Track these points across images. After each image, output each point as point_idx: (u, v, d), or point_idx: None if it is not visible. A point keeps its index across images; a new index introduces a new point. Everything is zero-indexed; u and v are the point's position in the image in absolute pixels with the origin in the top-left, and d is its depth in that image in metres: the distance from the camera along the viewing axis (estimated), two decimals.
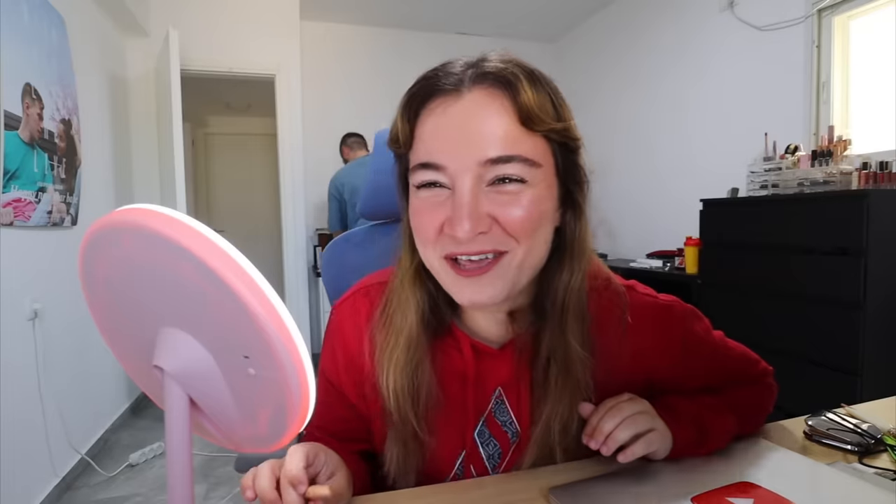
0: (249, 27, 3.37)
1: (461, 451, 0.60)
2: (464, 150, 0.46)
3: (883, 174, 1.78)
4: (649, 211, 3.34)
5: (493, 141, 0.46)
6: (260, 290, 0.33)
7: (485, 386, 0.58)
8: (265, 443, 0.41)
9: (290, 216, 3.59)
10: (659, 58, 3.21)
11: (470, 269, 0.48)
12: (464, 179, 0.46)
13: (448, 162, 0.46)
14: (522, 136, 0.47)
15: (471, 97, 0.47)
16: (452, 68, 0.49)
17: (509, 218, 0.47)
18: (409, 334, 0.55)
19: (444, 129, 0.47)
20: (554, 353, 0.55)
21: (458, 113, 0.47)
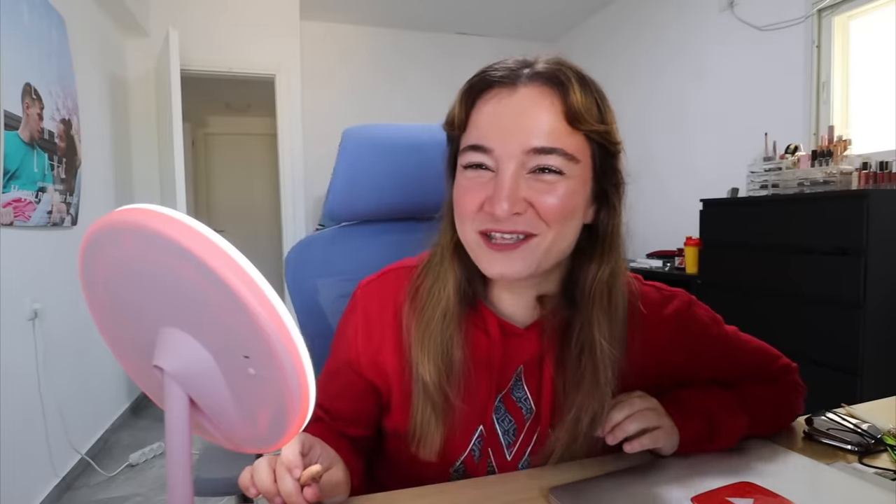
0: (249, 27, 3.37)
1: (479, 426, 0.61)
2: (512, 137, 0.51)
3: (883, 174, 1.78)
4: (649, 211, 3.34)
5: (539, 133, 0.50)
6: (260, 290, 0.33)
7: (508, 364, 0.61)
8: (265, 443, 0.41)
9: (290, 216, 3.59)
10: (659, 57, 3.21)
11: (501, 245, 0.52)
12: (508, 164, 0.51)
13: (497, 146, 0.51)
14: (566, 133, 0.51)
15: (525, 92, 0.52)
16: (508, 64, 0.54)
17: (544, 204, 0.51)
18: (446, 306, 0.58)
19: (497, 117, 0.52)
20: (584, 344, 0.57)
21: (512, 104, 0.51)
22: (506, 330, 0.60)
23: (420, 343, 0.58)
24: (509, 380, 0.61)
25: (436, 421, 0.58)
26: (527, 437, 0.62)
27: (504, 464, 0.62)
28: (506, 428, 0.62)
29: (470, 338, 0.59)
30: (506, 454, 0.62)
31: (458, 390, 0.58)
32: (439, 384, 0.57)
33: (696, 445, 0.61)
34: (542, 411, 0.61)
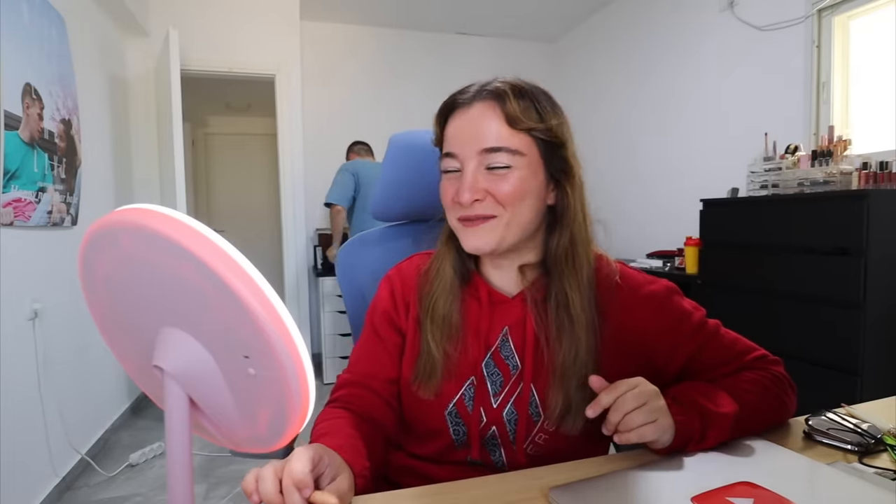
0: (249, 27, 3.37)
1: (471, 376, 0.71)
2: (469, 143, 0.66)
3: (883, 174, 1.78)
4: (649, 211, 3.34)
5: (489, 137, 0.66)
6: (260, 290, 0.33)
7: (495, 325, 0.73)
8: (265, 443, 0.41)
9: (290, 216, 3.59)
10: (659, 58, 3.21)
11: (471, 223, 0.68)
12: (469, 163, 0.67)
13: (459, 151, 0.67)
14: (509, 134, 0.66)
15: (476, 107, 0.67)
16: (469, 89, 0.69)
17: (498, 191, 0.66)
18: (445, 280, 0.73)
19: (458, 130, 0.68)
20: (559, 302, 0.69)
21: (468, 118, 0.67)
22: (493, 298, 0.73)
23: (427, 311, 0.72)
24: (496, 339, 0.72)
25: (435, 369, 0.70)
26: (511, 388, 0.71)
27: (490, 409, 0.71)
28: (494, 380, 0.71)
29: (465, 305, 0.73)
30: (492, 402, 0.71)
31: (454, 347, 0.71)
32: (440, 343, 0.70)
33: (689, 444, 0.62)
34: (526, 367, 0.70)
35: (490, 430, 0.71)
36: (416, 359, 0.73)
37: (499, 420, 0.70)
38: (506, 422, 0.70)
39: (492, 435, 0.71)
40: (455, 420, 0.71)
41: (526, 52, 4.34)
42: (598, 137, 3.84)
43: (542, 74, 4.35)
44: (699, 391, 0.66)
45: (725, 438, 0.63)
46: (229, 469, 2.25)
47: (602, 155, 3.81)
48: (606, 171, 3.76)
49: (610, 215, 2.87)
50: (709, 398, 0.64)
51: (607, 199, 3.75)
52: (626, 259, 3.26)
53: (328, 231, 3.71)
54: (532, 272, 0.73)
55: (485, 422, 0.70)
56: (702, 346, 0.72)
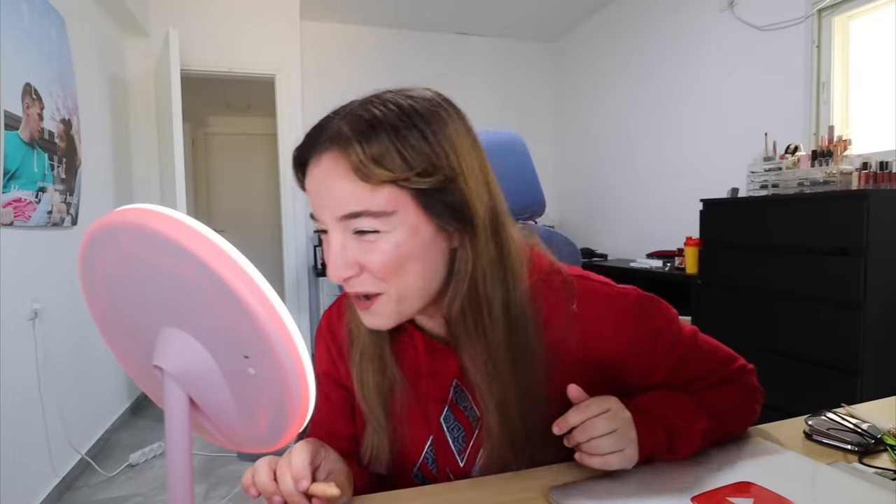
0: (249, 27, 3.37)
1: (429, 436, 0.64)
2: (326, 209, 0.53)
3: (883, 174, 1.78)
4: (649, 211, 3.34)
5: (343, 200, 0.51)
6: (260, 290, 0.33)
7: (442, 377, 0.63)
8: (265, 443, 0.41)
9: (290, 216, 3.59)
10: (659, 58, 3.21)
11: (361, 304, 0.56)
12: (333, 233, 0.53)
13: (320, 217, 0.54)
14: (366, 192, 0.50)
15: (323, 162, 0.52)
16: (322, 128, 0.54)
17: (371, 264, 0.52)
18: (366, 333, 0.62)
19: (312, 192, 0.54)
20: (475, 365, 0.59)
21: (316, 178, 0.53)
22: (430, 346, 0.63)
23: (356, 366, 0.63)
24: (448, 391, 0.64)
25: (379, 438, 0.63)
26: (476, 444, 0.63)
27: (457, 469, 0.64)
28: (455, 436, 0.64)
29: (401, 354, 0.64)
30: (458, 460, 0.64)
31: (394, 410, 0.62)
32: (374, 407, 0.62)
33: (655, 456, 0.59)
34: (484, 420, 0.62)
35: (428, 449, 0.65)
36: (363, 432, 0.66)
37: (467, 475, 0.64)
38: (474, 475, 0.64)
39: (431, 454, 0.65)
40: (422, 481, 0.65)
41: (526, 52, 4.34)
42: (598, 137, 3.84)
43: (542, 74, 4.36)
44: (670, 404, 0.61)
45: (693, 452, 0.60)
46: (229, 469, 2.25)
47: (602, 155, 3.81)
48: (606, 171, 3.76)
49: (610, 215, 2.89)
50: (680, 412, 0.60)
51: (607, 200, 3.75)
52: (626, 259, 3.27)
53: None
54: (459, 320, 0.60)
55: (453, 479, 0.64)
56: (679, 364, 0.64)
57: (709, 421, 0.61)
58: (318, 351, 0.71)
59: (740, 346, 1.77)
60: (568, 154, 4.20)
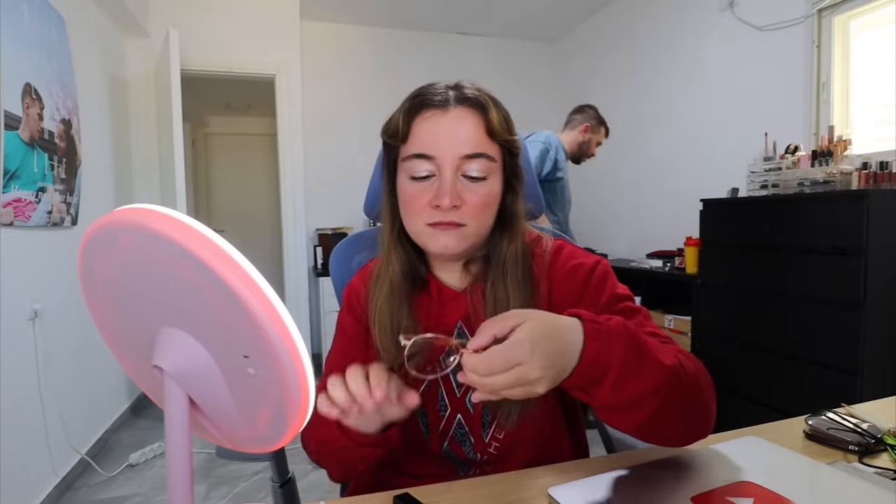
0: (249, 27, 3.37)
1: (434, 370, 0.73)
2: (450, 147, 0.65)
3: (883, 174, 1.78)
4: (649, 211, 3.34)
5: (469, 143, 0.66)
6: (260, 290, 0.33)
7: (448, 321, 0.74)
8: (265, 443, 0.41)
9: (290, 216, 3.59)
10: (658, 58, 3.21)
11: (444, 225, 0.67)
12: (447, 168, 0.66)
13: (438, 154, 0.66)
14: (486, 142, 0.67)
15: (455, 112, 0.66)
16: (439, 89, 0.68)
17: (472, 202, 0.67)
18: (392, 280, 0.73)
19: (435, 132, 0.66)
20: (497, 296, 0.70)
21: (446, 121, 0.66)
22: (444, 294, 0.75)
23: (374, 316, 0.72)
24: (453, 332, 0.74)
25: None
26: None
27: (454, 398, 0.73)
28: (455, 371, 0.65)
29: (418, 303, 0.74)
30: (455, 391, 0.73)
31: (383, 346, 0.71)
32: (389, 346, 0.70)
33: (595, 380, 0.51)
34: None
35: (456, 418, 0.72)
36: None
37: (462, 406, 0.72)
38: (469, 407, 0.72)
39: (458, 424, 0.72)
40: (421, 412, 0.73)
41: (526, 52, 4.34)
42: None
43: (542, 74, 4.35)
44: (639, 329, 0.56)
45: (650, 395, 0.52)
46: (229, 469, 2.25)
47: (602, 155, 3.80)
48: (606, 171, 3.76)
49: (610, 215, 2.89)
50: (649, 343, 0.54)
51: (607, 199, 3.75)
52: (626, 258, 3.27)
53: (328, 231, 3.71)
54: (475, 266, 0.75)
55: (449, 410, 0.72)
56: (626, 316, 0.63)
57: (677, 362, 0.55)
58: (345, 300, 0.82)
59: (740, 345, 1.81)
60: None
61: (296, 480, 0.83)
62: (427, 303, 0.75)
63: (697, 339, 2.32)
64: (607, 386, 0.51)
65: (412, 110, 0.68)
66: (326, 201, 3.79)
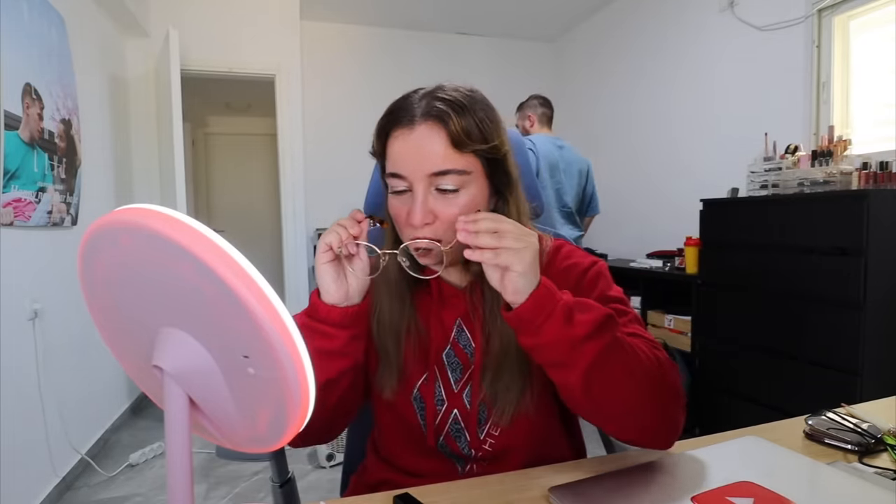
0: (249, 27, 3.37)
1: (433, 366, 0.74)
2: (417, 166, 0.65)
3: (883, 174, 1.78)
4: (649, 211, 3.34)
5: (434, 160, 0.64)
6: (260, 290, 0.33)
7: (449, 318, 0.75)
8: (265, 443, 0.41)
9: (290, 216, 3.59)
10: (658, 58, 3.21)
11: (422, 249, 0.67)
12: (418, 186, 0.65)
13: (408, 173, 0.66)
14: (454, 156, 0.65)
15: (419, 129, 0.65)
16: (409, 105, 0.67)
17: (447, 214, 0.66)
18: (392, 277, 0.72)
19: (403, 152, 0.66)
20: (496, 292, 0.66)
21: (412, 141, 0.65)
22: (444, 292, 0.76)
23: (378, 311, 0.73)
24: (452, 329, 0.75)
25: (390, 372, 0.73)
26: (470, 375, 0.74)
27: (451, 393, 0.74)
28: (454, 368, 0.74)
29: (418, 301, 0.75)
30: (453, 387, 0.74)
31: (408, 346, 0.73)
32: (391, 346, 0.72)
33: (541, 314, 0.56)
34: (478, 351, 0.73)
35: (452, 412, 0.73)
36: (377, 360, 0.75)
37: (459, 401, 0.73)
38: (465, 403, 0.73)
39: (454, 419, 0.73)
40: (420, 405, 0.74)
41: (526, 52, 4.34)
42: (597, 137, 3.84)
43: (543, 74, 4.35)
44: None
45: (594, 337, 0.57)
46: (229, 469, 2.25)
47: (602, 155, 3.81)
48: (606, 171, 3.76)
49: (610, 215, 2.88)
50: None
51: (607, 200, 3.75)
52: (626, 259, 3.27)
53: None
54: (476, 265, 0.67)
55: (446, 404, 0.73)
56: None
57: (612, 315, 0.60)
58: None
59: (740, 345, 1.81)
60: None
61: (296, 480, 0.83)
62: (427, 301, 0.76)
63: (697, 339, 2.32)
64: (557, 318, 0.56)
65: (384, 129, 0.68)
66: (326, 201, 3.79)
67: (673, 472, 0.59)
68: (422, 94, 0.68)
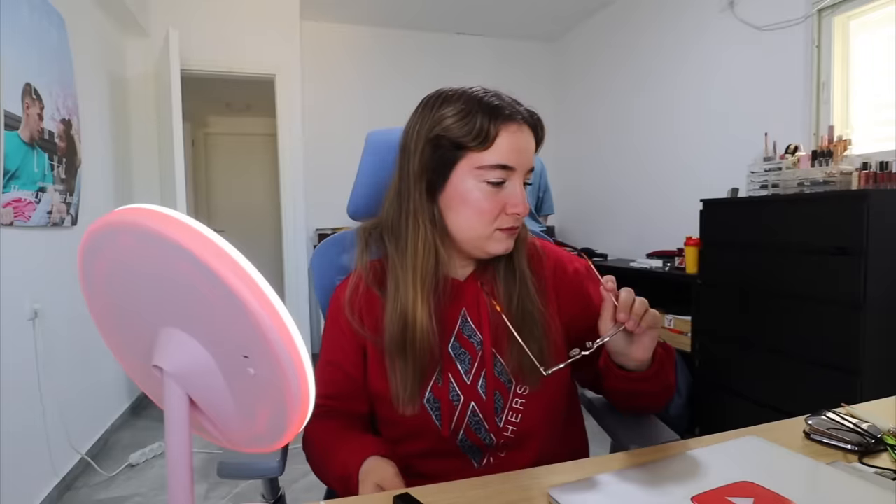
0: (249, 27, 3.37)
1: (439, 363, 0.76)
2: (526, 161, 0.74)
3: (883, 174, 1.78)
4: (649, 211, 3.34)
5: (532, 157, 0.76)
6: (260, 290, 0.33)
7: (453, 308, 0.78)
8: (264, 443, 0.41)
9: (290, 216, 3.59)
10: (659, 58, 3.21)
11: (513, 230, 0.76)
12: (519, 178, 0.74)
13: (518, 167, 0.73)
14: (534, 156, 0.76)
15: (525, 129, 0.74)
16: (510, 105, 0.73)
17: (527, 204, 0.75)
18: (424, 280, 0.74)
19: (518, 146, 0.73)
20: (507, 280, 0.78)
21: (523, 138, 0.74)
22: (448, 283, 0.78)
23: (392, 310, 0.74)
24: (457, 321, 0.78)
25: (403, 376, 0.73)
26: (479, 364, 0.76)
27: (464, 386, 0.76)
28: (462, 359, 0.77)
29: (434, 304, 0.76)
30: (464, 378, 0.76)
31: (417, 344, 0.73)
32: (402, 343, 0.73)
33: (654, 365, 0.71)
34: (486, 337, 0.77)
35: (469, 406, 0.75)
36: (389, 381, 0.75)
37: (475, 394, 0.75)
38: (481, 394, 0.75)
39: (472, 411, 0.75)
40: (434, 406, 0.75)
41: (526, 52, 4.34)
42: (597, 138, 3.84)
43: (543, 74, 4.36)
44: None
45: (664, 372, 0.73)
46: None
47: (602, 155, 3.81)
48: (606, 171, 3.76)
49: (610, 215, 2.89)
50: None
51: (607, 199, 3.75)
52: (626, 259, 3.27)
53: (328, 231, 3.71)
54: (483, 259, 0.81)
55: (462, 399, 0.75)
56: None
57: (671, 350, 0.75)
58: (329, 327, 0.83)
59: (740, 345, 1.81)
60: (568, 154, 4.20)
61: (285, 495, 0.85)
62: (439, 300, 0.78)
63: (697, 339, 2.32)
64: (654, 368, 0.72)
65: (499, 120, 0.71)
66: (326, 201, 3.79)
67: (673, 472, 0.59)
68: (506, 97, 0.75)
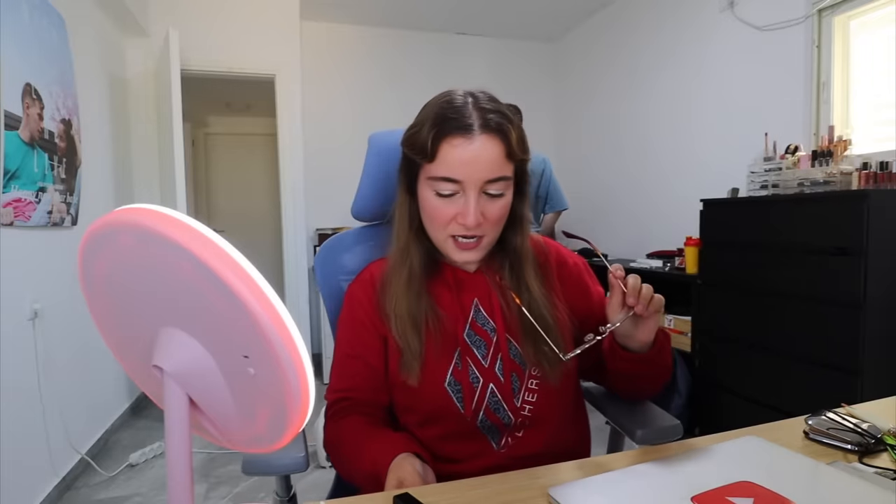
0: (249, 27, 3.37)
1: (457, 348, 0.79)
2: (474, 173, 0.72)
3: (883, 174, 1.78)
4: (649, 211, 3.34)
5: (491, 169, 0.72)
6: (260, 290, 0.33)
7: (466, 300, 0.82)
8: (264, 443, 0.41)
9: (290, 216, 3.59)
10: (659, 58, 3.21)
11: (465, 245, 0.77)
12: (472, 191, 0.73)
13: (464, 179, 0.72)
14: (505, 165, 0.74)
15: (479, 140, 0.71)
16: (463, 113, 0.72)
17: (491, 214, 0.75)
18: (411, 271, 0.79)
19: (462, 159, 0.71)
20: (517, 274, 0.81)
21: (472, 150, 0.71)
22: (459, 277, 0.83)
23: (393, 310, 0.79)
24: (470, 311, 0.82)
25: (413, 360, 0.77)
26: (495, 348, 0.80)
27: (482, 369, 0.79)
28: (478, 345, 0.80)
29: (435, 289, 0.82)
30: (482, 362, 0.79)
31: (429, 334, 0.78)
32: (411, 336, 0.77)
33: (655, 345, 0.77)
34: (499, 326, 0.80)
35: (489, 387, 0.78)
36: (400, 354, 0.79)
37: (493, 376, 0.78)
38: (499, 376, 0.78)
39: (491, 392, 0.78)
40: (455, 388, 0.77)
41: (526, 52, 4.34)
42: (597, 137, 3.84)
43: (542, 74, 4.35)
44: None
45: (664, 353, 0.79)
46: (229, 469, 2.25)
47: (602, 155, 3.81)
48: (606, 170, 3.76)
49: (610, 215, 2.88)
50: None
51: (607, 199, 3.75)
52: (626, 259, 3.27)
53: (328, 231, 3.71)
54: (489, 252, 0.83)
55: (481, 381, 0.78)
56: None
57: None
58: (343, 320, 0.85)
59: (740, 345, 1.81)
60: (568, 154, 4.20)
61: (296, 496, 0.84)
62: (443, 288, 0.82)
63: (697, 339, 2.32)
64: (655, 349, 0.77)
65: (440, 133, 0.71)
66: (326, 201, 3.79)
67: (673, 472, 0.59)
68: (471, 103, 0.73)
